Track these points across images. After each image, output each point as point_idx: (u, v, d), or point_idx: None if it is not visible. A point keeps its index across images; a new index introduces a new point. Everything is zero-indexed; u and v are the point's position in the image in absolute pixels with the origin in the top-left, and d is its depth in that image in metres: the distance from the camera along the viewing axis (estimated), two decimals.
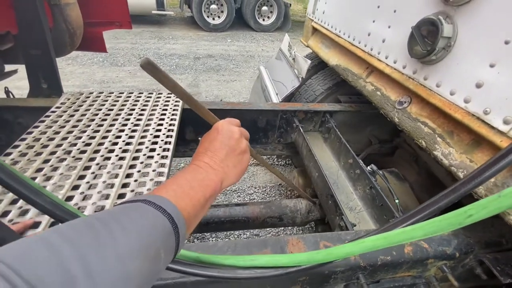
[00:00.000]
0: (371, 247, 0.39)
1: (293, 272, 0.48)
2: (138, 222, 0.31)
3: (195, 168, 0.45)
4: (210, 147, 0.48)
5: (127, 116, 1.24)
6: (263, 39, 7.05)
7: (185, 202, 0.38)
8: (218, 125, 0.52)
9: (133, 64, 4.85)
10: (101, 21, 1.85)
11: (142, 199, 0.35)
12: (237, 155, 0.51)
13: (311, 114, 1.68)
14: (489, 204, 0.31)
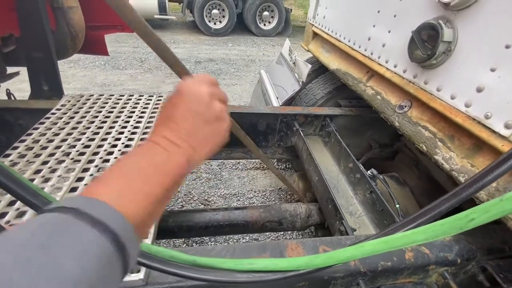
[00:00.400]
0: (371, 251, 0.39)
1: (292, 277, 0.47)
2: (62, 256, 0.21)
3: (152, 147, 0.34)
4: (172, 116, 0.37)
5: (126, 119, 1.23)
6: (264, 43, 7.09)
7: (135, 204, 0.28)
8: (182, 85, 0.40)
9: (135, 67, 4.88)
10: (103, 25, 1.86)
11: (72, 207, 0.25)
12: (209, 123, 0.39)
13: (312, 118, 1.68)
14: (491, 208, 0.31)
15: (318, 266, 0.44)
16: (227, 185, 2.54)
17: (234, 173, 2.69)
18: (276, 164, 2.82)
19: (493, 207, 0.30)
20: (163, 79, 4.55)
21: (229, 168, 2.76)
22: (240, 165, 2.79)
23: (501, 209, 0.30)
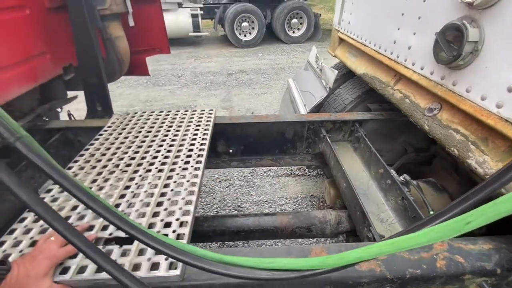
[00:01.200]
0: (378, 252, 0.41)
1: (308, 276, 0.50)
2: None
3: None
4: None
5: (165, 132, 1.38)
6: (293, 50, 7.14)
7: None
8: None
9: (173, 83, 5.27)
10: (144, 49, 2.09)
11: None
12: None
13: (340, 124, 1.67)
14: (486, 211, 0.32)
15: (331, 266, 0.47)
16: (259, 192, 2.61)
17: (265, 180, 2.75)
18: (307, 171, 2.82)
19: (488, 210, 0.32)
20: (198, 93, 4.84)
21: (261, 175, 2.82)
22: (271, 172, 2.84)
23: (496, 212, 0.31)
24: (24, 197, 0.44)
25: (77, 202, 0.95)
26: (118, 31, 1.74)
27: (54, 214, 0.48)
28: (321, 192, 2.56)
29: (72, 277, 0.71)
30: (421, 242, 0.38)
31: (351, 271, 0.77)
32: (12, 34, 1.27)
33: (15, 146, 0.43)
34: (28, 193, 0.45)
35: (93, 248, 0.51)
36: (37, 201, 0.46)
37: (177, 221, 0.87)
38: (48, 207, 0.48)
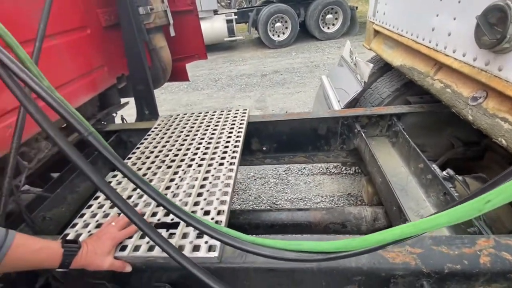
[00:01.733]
0: (399, 234, 0.42)
1: (334, 258, 0.53)
2: None
3: None
4: None
5: (204, 131, 1.49)
6: (328, 47, 6.97)
7: None
8: None
9: (210, 87, 5.54)
10: (184, 56, 2.27)
11: None
12: None
13: (376, 119, 1.62)
14: (506, 190, 0.33)
15: (354, 248, 0.50)
16: (294, 190, 2.62)
17: (300, 178, 2.76)
18: (344, 169, 2.75)
19: (508, 188, 0.33)
20: (233, 95, 5.01)
21: (295, 173, 2.83)
22: (306, 171, 2.84)
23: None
24: (96, 181, 0.55)
25: (132, 192, 1.10)
26: (161, 42, 1.93)
27: (118, 196, 0.58)
28: (359, 191, 2.48)
29: (129, 254, 0.83)
30: (442, 222, 0.39)
31: (383, 263, 0.77)
32: (78, 50, 1.50)
33: (88, 140, 0.54)
34: (99, 178, 0.56)
35: (150, 228, 0.60)
36: (106, 185, 0.57)
37: (215, 210, 0.95)
38: (114, 190, 0.58)
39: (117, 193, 0.58)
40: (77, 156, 0.53)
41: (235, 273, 0.83)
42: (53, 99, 0.50)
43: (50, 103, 0.50)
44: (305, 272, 0.80)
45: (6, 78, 0.48)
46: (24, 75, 0.48)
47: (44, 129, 0.49)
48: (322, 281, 0.82)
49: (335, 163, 2.80)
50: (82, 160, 0.54)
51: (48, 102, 0.50)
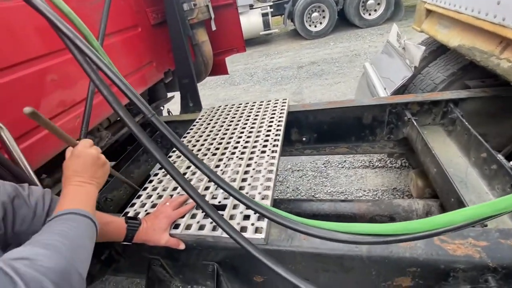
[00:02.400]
0: (471, 215, 0.39)
1: (390, 241, 0.51)
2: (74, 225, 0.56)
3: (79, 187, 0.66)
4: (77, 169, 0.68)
5: (245, 122, 1.52)
6: (370, 34, 6.55)
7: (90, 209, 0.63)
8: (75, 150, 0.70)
9: (246, 81, 5.60)
10: (224, 50, 2.33)
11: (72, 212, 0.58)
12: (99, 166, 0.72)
13: (429, 105, 1.49)
14: None
15: (415, 230, 0.47)
16: (333, 183, 2.55)
17: (340, 172, 2.67)
18: (389, 162, 2.59)
19: None
20: (269, 88, 5.01)
21: (335, 166, 2.75)
22: (347, 164, 2.73)
23: None
24: (160, 159, 0.59)
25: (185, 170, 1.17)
26: (203, 36, 2.00)
27: (178, 172, 0.63)
28: (406, 185, 2.32)
29: (181, 232, 0.90)
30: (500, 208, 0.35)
31: (443, 255, 0.72)
32: (131, 48, 1.63)
33: (152, 120, 0.59)
34: (162, 156, 0.60)
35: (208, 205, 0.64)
36: (168, 162, 0.61)
37: (259, 194, 0.97)
38: (175, 168, 0.63)
39: (177, 170, 0.62)
40: (143, 135, 0.58)
41: (281, 255, 0.84)
42: (123, 84, 0.56)
43: (121, 87, 0.56)
44: (354, 259, 0.78)
45: (85, 65, 0.54)
46: (99, 62, 0.54)
47: (115, 110, 0.55)
48: (372, 270, 0.79)
49: (380, 154, 2.65)
50: (147, 139, 0.59)
51: (119, 86, 0.56)
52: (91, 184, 0.69)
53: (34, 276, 0.40)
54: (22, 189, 0.67)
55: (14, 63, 0.94)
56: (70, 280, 0.46)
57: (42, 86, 1.06)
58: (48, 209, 0.69)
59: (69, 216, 0.58)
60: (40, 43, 1.05)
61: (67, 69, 1.18)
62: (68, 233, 0.54)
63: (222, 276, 0.99)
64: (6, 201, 0.62)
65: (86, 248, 0.56)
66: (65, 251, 0.48)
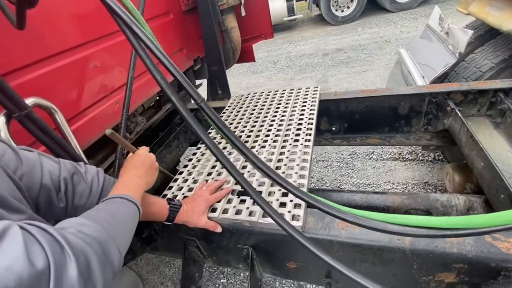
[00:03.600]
0: None
1: (449, 235, 0.49)
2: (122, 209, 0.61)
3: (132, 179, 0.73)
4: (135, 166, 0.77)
5: (275, 109, 1.51)
6: (401, 19, 6.15)
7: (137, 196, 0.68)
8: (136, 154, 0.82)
9: (269, 69, 5.52)
10: (251, 37, 2.29)
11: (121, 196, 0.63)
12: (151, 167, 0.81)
13: (474, 95, 1.39)
14: None
15: (480, 225, 0.44)
16: (360, 174, 2.49)
17: (367, 163, 2.60)
18: (421, 155, 2.47)
19: None
20: (293, 76, 4.91)
21: (362, 158, 2.68)
22: (375, 155, 2.65)
23: None
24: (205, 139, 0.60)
25: (216, 162, 1.19)
26: (232, 22, 1.97)
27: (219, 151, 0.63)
28: (439, 180, 2.21)
29: (219, 216, 0.92)
30: None
31: (495, 253, 0.68)
32: (164, 34, 1.64)
33: (201, 106, 0.60)
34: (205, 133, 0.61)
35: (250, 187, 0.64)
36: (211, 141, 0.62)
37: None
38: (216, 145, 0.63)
39: (219, 149, 0.63)
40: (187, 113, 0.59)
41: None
42: (175, 69, 0.56)
43: (172, 71, 0.56)
44: (395, 252, 0.76)
45: (139, 49, 0.55)
46: (153, 46, 0.55)
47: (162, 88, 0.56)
48: (414, 264, 0.77)
49: (410, 147, 2.54)
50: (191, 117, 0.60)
51: (171, 71, 0.56)
52: (141, 179, 0.75)
53: (80, 244, 0.43)
54: (80, 167, 0.72)
55: (66, 48, 0.98)
56: (110, 253, 0.49)
57: (88, 72, 1.11)
58: (103, 186, 0.73)
59: (117, 200, 0.62)
60: (86, 30, 1.09)
61: (107, 56, 1.22)
62: (114, 212, 0.57)
63: (255, 260, 1.01)
64: (68, 177, 0.67)
65: (127, 229, 0.60)
66: (107, 227, 0.52)
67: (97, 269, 0.44)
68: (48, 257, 0.37)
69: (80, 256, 0.41)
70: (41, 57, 0.90)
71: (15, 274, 0.34)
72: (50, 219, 0.68)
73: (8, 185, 0.53)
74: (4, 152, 0.58)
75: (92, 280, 0.42)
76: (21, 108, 0.67)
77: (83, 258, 0.42)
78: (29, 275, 0.35)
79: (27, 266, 0.35)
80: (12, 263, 0.34)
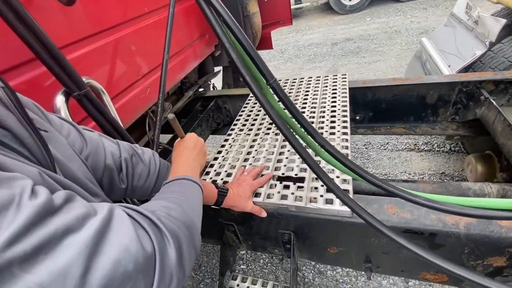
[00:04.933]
0: None
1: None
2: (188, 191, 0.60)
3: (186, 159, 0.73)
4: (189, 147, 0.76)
5: (304, 97, 1.49)
6: (411, 9, 6.06)
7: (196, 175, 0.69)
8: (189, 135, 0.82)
9: (277, 58, 5.45)
10: (271, 23, 2.24)
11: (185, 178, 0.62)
12: (201, 151, 0.80)
13: (506, 85, 1.38)
14: None
15: None
16: (376, 165, 2.50)
17: (383, 154, 2.60)
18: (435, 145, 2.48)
19: None
20: (301, 66, 4.85)
21: (377, 148, 2.68)
22: (390, 146, 2.65)
23: None
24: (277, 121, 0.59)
25: (251, 148, 1.18)
26: (254, 8, 1.93)
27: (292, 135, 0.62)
28: (455, 170, 2.23)
29: (263, 200, 0.92)
30: None
31: None
32: (186, 19, 1.60)
33: (273, 86, 0.58)
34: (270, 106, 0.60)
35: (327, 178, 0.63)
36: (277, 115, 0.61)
37: (338, 178, 0.96)
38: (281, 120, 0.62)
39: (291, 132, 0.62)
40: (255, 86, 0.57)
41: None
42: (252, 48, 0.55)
43: (249, 51, 0.55)
44: (449, 237, 0.77)
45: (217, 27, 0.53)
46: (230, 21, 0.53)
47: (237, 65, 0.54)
48: (466, 248, 0.78)
49: (425, 137, 2.54)
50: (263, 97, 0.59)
51: (247, 49, 0.55)
52: (196, 162, 0.75)
53: (174, 228, 0.42)
54: (137, 148, 0.71)
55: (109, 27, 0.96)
56: (194, 237, 0.48)
57: (124, 53, 1.08)
58: (159, 168, 0.73)
59: (183, 181, 0.61)
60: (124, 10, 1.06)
61: (140, 37, 1.19)
62: (186, 194, 0.57)
63: (295, 245, 1.02)
64: (128, 157, 0.66)
65: (199, 210, 0.59)
66: (188, 209, 0.51)
67: (186, 253, 0.43)
68: (153, 241, 0.37)
69: (175, 240, 0.40)
70: (84, 36, 0.88)
71: (133, 256, 0.33)
72: (111, 199, 0.68)
73: (81, 167, 0.52)
74: (68, 132, 0.57)
75: (183, 264, 0.41)
76: (80, 87, 0.66)
77: (177, 242, 0.41)
78: (143, 258, 0.34)
79: (140, 249, 0.34)
80: (129, 244, 0.33)
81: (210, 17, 0.54)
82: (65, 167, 0.45)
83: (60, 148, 0.47)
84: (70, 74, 0.63)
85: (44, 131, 0.45)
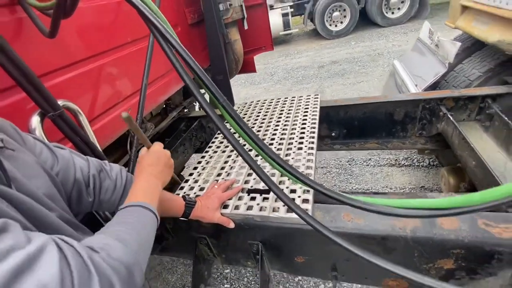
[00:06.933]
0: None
1: (449, 214, 0.55)
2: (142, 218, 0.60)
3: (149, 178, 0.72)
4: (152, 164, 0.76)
5: (278, 116, 1.58)
6: (393, 33, 6.44)
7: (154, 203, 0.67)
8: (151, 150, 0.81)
9: (267, 81, 5.67)
10: (253, 48, 2.41)
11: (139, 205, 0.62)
12: (166, 165, 0.80)
13: (464, 101, 1.49)
14: None
15: (476, 203, 0.51)
16: (359, 180, 2.56)
17: (365, 169, 2.67)
18: (416, 161, 2.56)
19: None
20: (290, 88, 5.05)
21: (360, 164, 2.75)
22: (372, 162, 2.73)
23: None
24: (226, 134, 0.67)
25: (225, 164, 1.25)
26: (236, 35, 2.08)
27: (237, 142, 0.70)
28: (434, 184, 2.29)
29: (231, 211, 0.97)
30: None
31: (488, 238, 0.74)
32: None
33: (223, 105, 0.67)
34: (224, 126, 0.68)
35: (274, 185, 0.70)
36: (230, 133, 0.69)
37: (300, 189, 1.02)
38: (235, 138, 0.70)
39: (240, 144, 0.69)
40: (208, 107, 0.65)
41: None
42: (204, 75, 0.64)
43: (199, 74, 0.64)
44: (398, 240, 0.82)
45: (171, 55, 0.63)
46: (183, 53, 0.62)
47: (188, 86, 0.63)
48: (415, 252, 0.83)
49: (406, 153, 2.63)
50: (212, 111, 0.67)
51: (196, 72, 0.64)
52: (158, 180, 0.75)
53: (107, 270, 0.43)
54: (105, 165, 0.77)
55: (90, 55, 1.06)
56: (134, 275, 0.49)
57: (105, 78, 1.18)
58: (126, 183, 0.78)
59: (138, 209, 0.62)
60: (106, 40, 1.17)
61: (122, 64, 1.29)
62: (137, 226, 0.57)
63: (264, 256, 1.05)
64: (95, 173, 0.72)
65: (149, 242, 0.59)
66: (133, 246, 0.51)
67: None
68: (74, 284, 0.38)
69: (106, 282, 0.42)
70: (65, 64, 0.97)
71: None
72: (79, 211, 0.73)
73: (45, 183, 0.57)
74: (41, 151, 0.64)
75: None
76: (55, 109, 0.73)
77: (108, 285, 0.42)
78: None
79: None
80: (49, 283, 0.35)
81: (164, 46, 0.63)
82: (21, 183, 0.49)
83: (22, 166, 0.52)
84: (45, 97, 0.71)
85: (11, 150, 0.52)
